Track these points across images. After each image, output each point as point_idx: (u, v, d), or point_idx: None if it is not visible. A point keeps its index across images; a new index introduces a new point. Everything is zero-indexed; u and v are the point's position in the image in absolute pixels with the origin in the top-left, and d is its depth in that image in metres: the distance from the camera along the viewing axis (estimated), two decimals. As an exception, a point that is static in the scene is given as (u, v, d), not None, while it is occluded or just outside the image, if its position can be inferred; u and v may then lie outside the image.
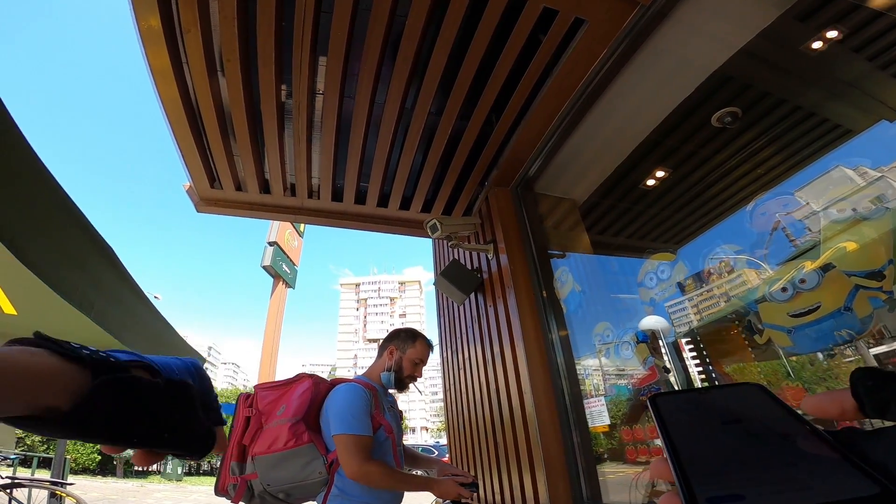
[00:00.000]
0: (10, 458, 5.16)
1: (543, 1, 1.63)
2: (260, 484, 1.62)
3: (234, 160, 2.83)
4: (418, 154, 2.72)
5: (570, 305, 2.45)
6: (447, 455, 4.06)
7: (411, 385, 2.02)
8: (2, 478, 4.75)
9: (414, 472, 1.83)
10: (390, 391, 2.00)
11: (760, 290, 1.61)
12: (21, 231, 1.16)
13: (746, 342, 2.13)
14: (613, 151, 2.79)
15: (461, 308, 3.52)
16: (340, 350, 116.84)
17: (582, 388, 2.26)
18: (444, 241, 4.42)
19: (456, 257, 3.42)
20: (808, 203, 2.64)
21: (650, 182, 3.20)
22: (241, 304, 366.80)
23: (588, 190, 3.14)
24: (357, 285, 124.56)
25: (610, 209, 3.40)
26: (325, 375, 2.11)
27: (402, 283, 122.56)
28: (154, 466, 16.72)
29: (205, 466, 17.54)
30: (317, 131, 2.57)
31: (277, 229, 18.20)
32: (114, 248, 2.00)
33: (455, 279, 3.05)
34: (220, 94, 2.26)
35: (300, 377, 1.83)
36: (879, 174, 2.20)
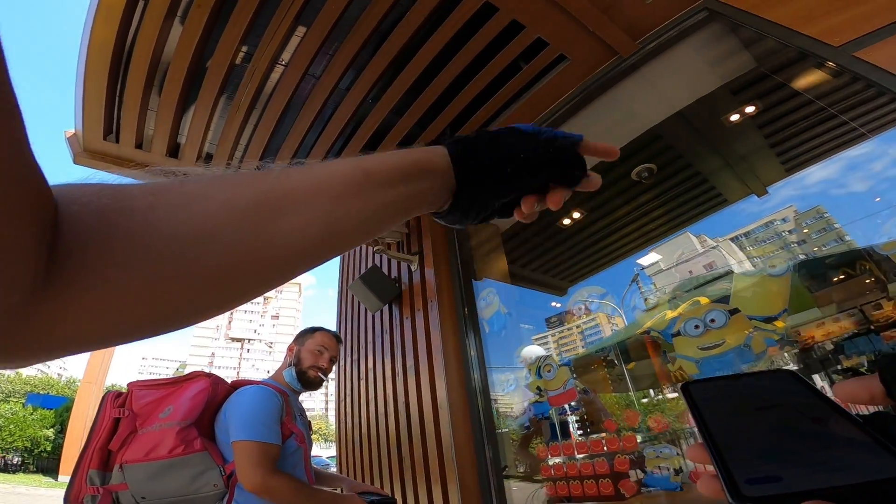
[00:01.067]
0: None
1: (539, 31, 1.72)
2: (132, 496, 1.39)
3: (146, 115, 2.47)
4: (364, 150, 2.63)
5: (494, 326, 2.53)
6: (327, 467, 3.86)
7: (320, 377, 1.88)
8: None
9: (321, 489, 1.69)
10: (301, 398, 1.84)
11: (677, 325, 1.86)
12: None
13: (608, 375, 2.42)
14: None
15: (369, 317, 3.43)
16: (195, 346, 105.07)
17: (501, 405, 2.33)
18: (359, 247, 4.30)
19: (376, 264, 3.33)
20: (658, 261, 3.11)
21: (566, 221, 3.49)
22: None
23: (512, 219, 3.32)
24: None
25: (527, 240, 3.62)
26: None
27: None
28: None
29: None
30: (260, 104, 2.36)
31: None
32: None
33: (374, 286, 2.97)
34: (164, 43, 2.01)
35: (194, 376, 1.62)
36: (715, 244, 2.68)
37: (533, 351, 2.56)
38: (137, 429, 1.47)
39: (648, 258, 3.17)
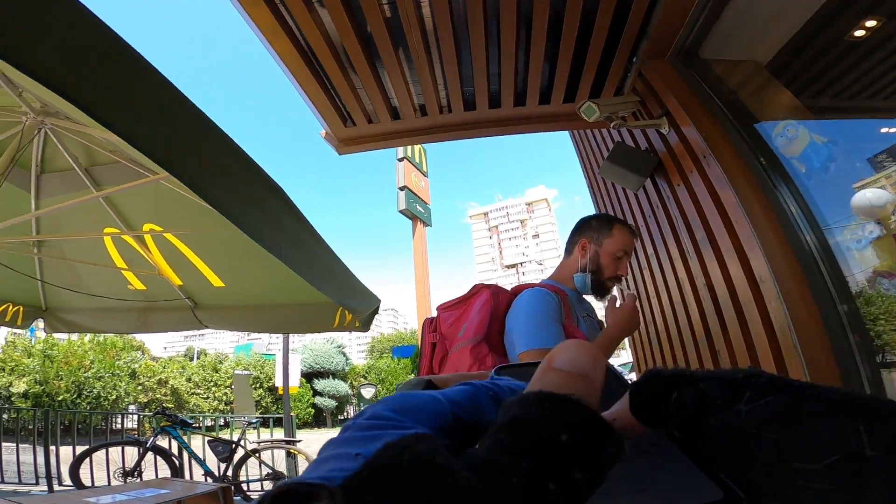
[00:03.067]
0: (252, 423, 6.13)
1: None
2: None
3: (359, 94, 2.73)
4: (549, 42, 2.33)
5: (814, 162, 1.81)
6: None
7: (615, 288, 1.63)
8: (251, 442, 5.64)
9: None
10: (586, 297, 1.62)
11: None
12: (195, 169, 1.04)
13: None
14: (801, 4, 2.08)
15: (632, 199, 3.03)
16: (480, 279, 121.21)
17: (858, 269, 1.69)
18: (586, 135, 3.91)
19: (619, 141, 2.88)
20: None
21: (858, 33, 2.24)
22: (381, 252, 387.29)
23: (773, 49, 2.36)
24: (485, 214, 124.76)
25: (807, 67, 2.51)
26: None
27: (529, 204, 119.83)
28: (351, 414, 17.75)
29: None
30: (432, 42, 2.33)
31: (403, 173, 18.72)
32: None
33: (626, 162, 2.57)
34: (325, 29, 2.17)
35: (477, 289, 1.53)
36: None
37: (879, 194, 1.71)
38: (448, 350, 1.48)
39: None
